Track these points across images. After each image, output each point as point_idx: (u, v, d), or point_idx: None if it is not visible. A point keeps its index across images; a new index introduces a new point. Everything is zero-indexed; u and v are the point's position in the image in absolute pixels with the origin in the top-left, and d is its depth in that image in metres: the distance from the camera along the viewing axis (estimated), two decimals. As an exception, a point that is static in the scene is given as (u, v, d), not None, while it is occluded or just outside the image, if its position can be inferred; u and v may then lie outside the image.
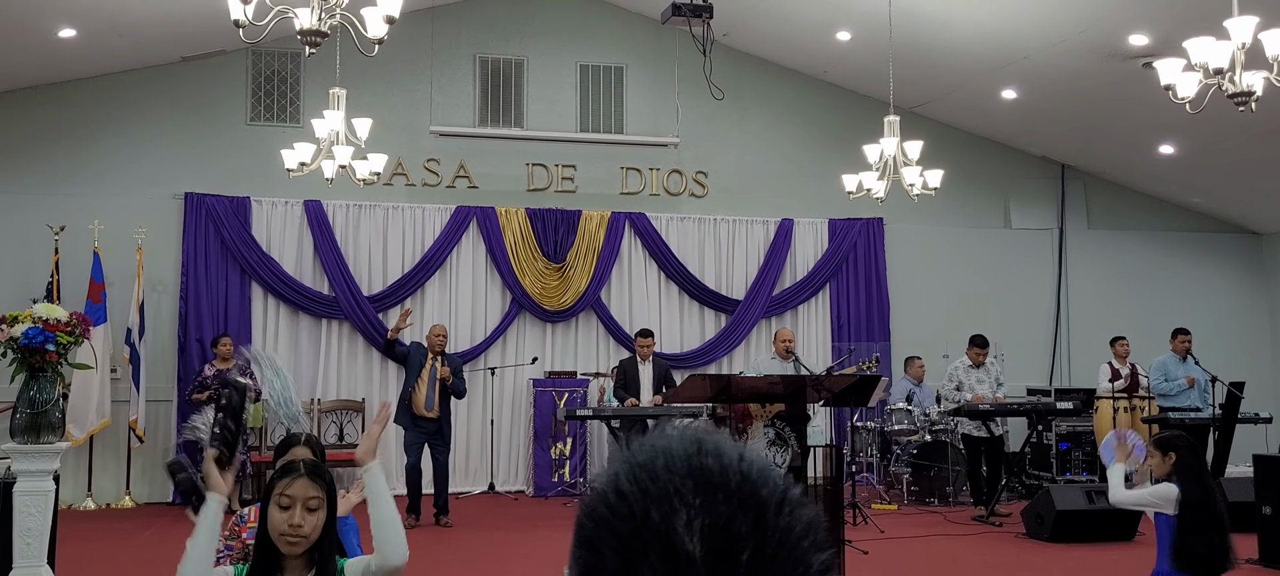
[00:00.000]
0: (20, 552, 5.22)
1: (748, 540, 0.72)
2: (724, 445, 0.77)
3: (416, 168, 10.55)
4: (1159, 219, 12.36)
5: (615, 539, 0.73)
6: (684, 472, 0.74)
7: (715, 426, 6.27)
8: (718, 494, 0.73)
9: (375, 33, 5.34)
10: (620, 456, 0.78)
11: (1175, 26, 8.16)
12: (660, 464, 0.75)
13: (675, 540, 0.71)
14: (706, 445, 0.76)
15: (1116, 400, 9.92)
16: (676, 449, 0.76)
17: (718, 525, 0.72)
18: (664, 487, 0.74)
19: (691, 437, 0.77)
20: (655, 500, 0.73)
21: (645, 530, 0.72)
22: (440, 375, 8.42)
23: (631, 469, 0.76)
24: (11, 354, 5.23)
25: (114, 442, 9.62)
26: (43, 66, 9.47)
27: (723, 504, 0.73)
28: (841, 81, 11.30)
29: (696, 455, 0.76)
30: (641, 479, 0.75)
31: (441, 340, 8.65)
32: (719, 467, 0.75)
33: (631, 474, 0.75)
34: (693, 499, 0.73)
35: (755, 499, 0.74)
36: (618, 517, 0.74)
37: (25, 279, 9.38)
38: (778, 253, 11.24)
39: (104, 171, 9.92)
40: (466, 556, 7.44)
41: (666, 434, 0.78)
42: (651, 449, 0.77)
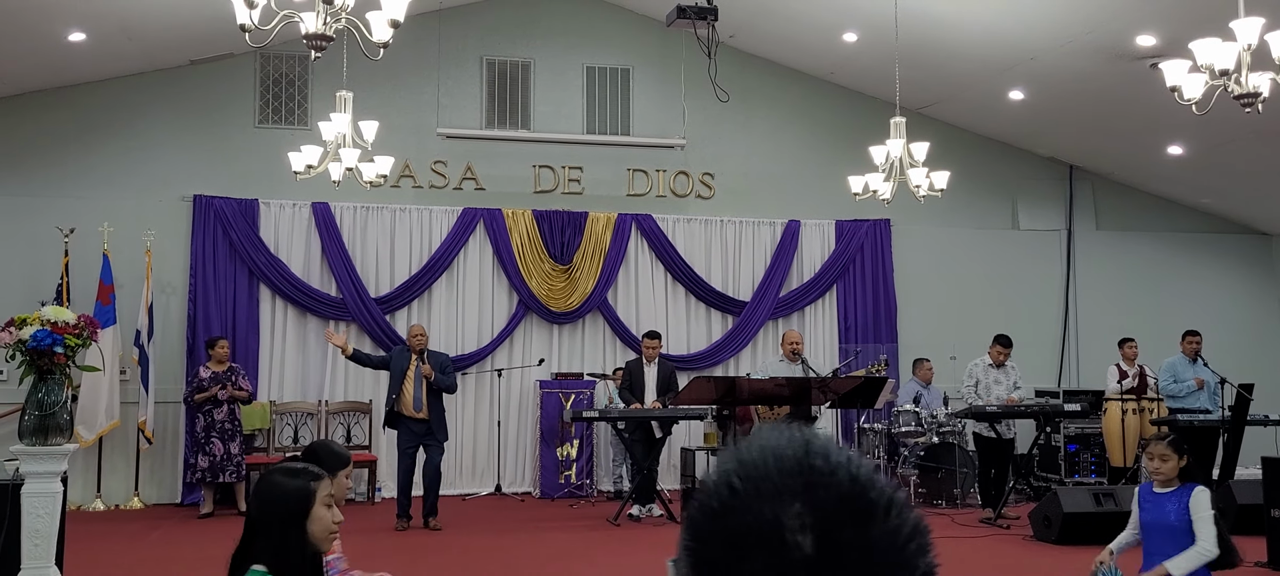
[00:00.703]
0: (28, 553, 5.26)
1: (856, 540, 0.74)
2: (831, 448, 0.79)
3: (423, 170, 10.58)
4: (1168, 220, 12.31)
5: (725, 533, 0.75)
6: (794, 472, 0.76)
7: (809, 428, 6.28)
8: (828, 494, 0.75)
9: (380, 37, 5.35)
10: (730, 454, 0.80)
11: (1183, 27, 8.12)
12: (771, 462, 0.77)
13: (785, 537, 0.73)
14: (815, 447, 0.78)
15: (1125, 402, 9.89)
16: (785, 449, 0.78)
17: (827, 524, 0.74)
18: (775, 485, 0.76)
19: (800, 439, 0.79)
20: (766, 497, 0.75)
21: (755, 526, 0.74)
22: (423, 373, 8.41)
23: (742, 466, 0.78)
24: (20, 356, 5.27)
25: (123, 444, 9.66)
26: (52, 70, 9.52)
27: (832, 504, 0.75)
28: (848, 83, 11.29)
29: (805, 456, 0.77)
30: (753, 476, 0.77)
31: (421, 339, 8.62)
32: (828, 469, 0.77)
33: (742, 470, 0.77)
34: (803, 497, 0.75)
35: (864, 500, 0.76)
36: (728, 512, 0.76)
37: (35, 281, 9.43)
38: (784, 254, 11.23)
39: (113, 174, 9.97)
40: (473, 558, 7.45)
41: (774, 434, 0.80)
42: (761, 448, 0.79)
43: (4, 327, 5.31)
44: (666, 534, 7.94)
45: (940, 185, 8.61)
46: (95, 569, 6.73)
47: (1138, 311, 11.57)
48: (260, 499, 2.67)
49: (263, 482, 2.70)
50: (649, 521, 8.82)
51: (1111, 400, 10.01)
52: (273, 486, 2.67)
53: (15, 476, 5.56)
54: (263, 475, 2.75)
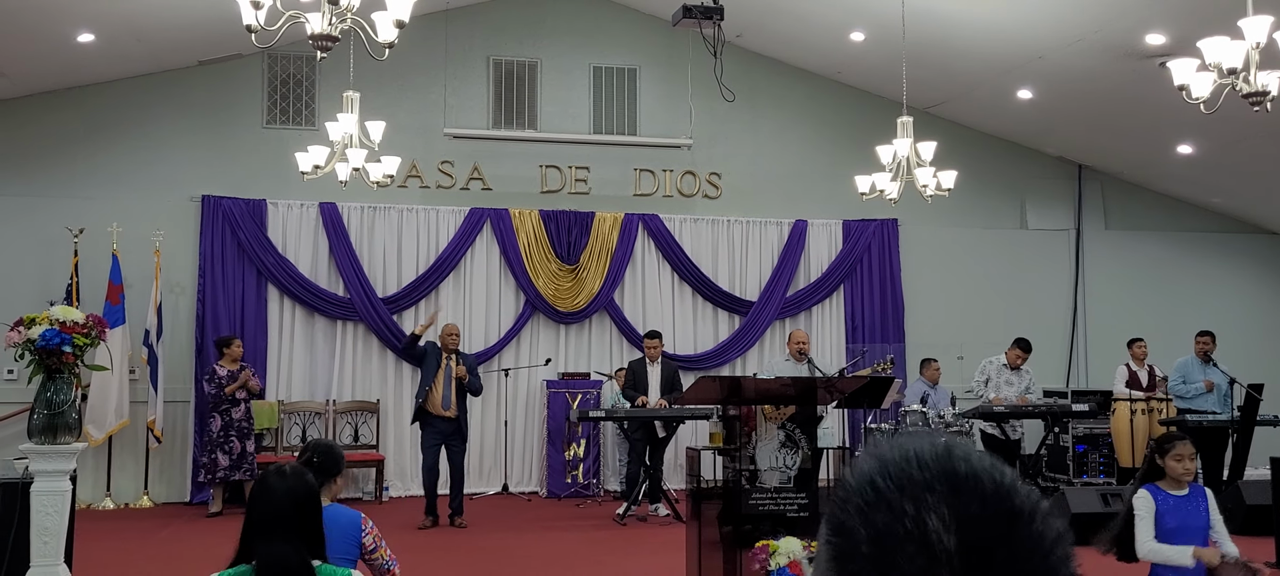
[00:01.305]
0: (37, 551, 5.29)
1: (1002, 542, 0.75)
2: (972, 453, 0.80)
3: (430, 170, 10.60)
4: (1177, 219, 12.26)
5: (871, 530, 0.76)
6: (938, 473, 0.77)
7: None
8: (973, 495, 0.76)
9: (386, 37, 5.36)
10: (870, 453, 0.81)
11: (1192, 26, 8.09)
12: (914, 463, 0.78)
13: (930, 534, 0.74)
14: (956, 450, 0.80)
15: (1134, 403, 9.85)
16: (927, 452, 0.79)
17: (973, 524, 0.75)
18: (918, 486, 0.77)
19: (941, 443, 0.80)
20: (911, 496, 0.76)
21: (900, 522, 0.75)
22: (456, 374, 8.48)
23: (885, 465, 0.79)
24: (29, 355, 5.29)
25: (132, 443, 9.70)
26: (62, 71, 9.56)
27: (978, 505, 0.76)
28: (855, 82, 11.28)
29: (948, 459, 0.79)
30: (897, 476, 0.78)
31: (455, 339, 8.72)
32: (971, 471, 0.78)
33: (885, 470, 0.78)
34: (949, 498, 0.76)
35: (1009, 504, 0.77)
36: (872, 509, 0.77)
37: (45, 281, 9.47)
38: (791, 254, 11.22)
39: (122, 174, 10.02)
40: (481, 557, 7.46)
41: (913, 438, 0.81)
42: (903, 449, 0.80)
43: (13, 327, 5.34)
44: (673, 534, 7.93)
45: (948, 185, 8.60)
46: (105, 567, 6.76)
47: (1147, 311, 11.53)
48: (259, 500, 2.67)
49: (260, 485, 2.70)
50: (655, 521, 8.83)
51: (1120, 400, 9.97)
52: (269, 488, 2.67)
53: (24, 475, 5.59)
54: (260, 477, 2.75)
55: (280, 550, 2.57)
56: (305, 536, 2.62)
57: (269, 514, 2.62)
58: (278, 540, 2.58)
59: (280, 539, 2.58)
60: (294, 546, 2.57)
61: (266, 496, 2.63)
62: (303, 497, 2.64)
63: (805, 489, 5.82)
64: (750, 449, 5.95)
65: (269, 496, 2.63)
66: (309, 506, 2.65)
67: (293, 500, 2.62)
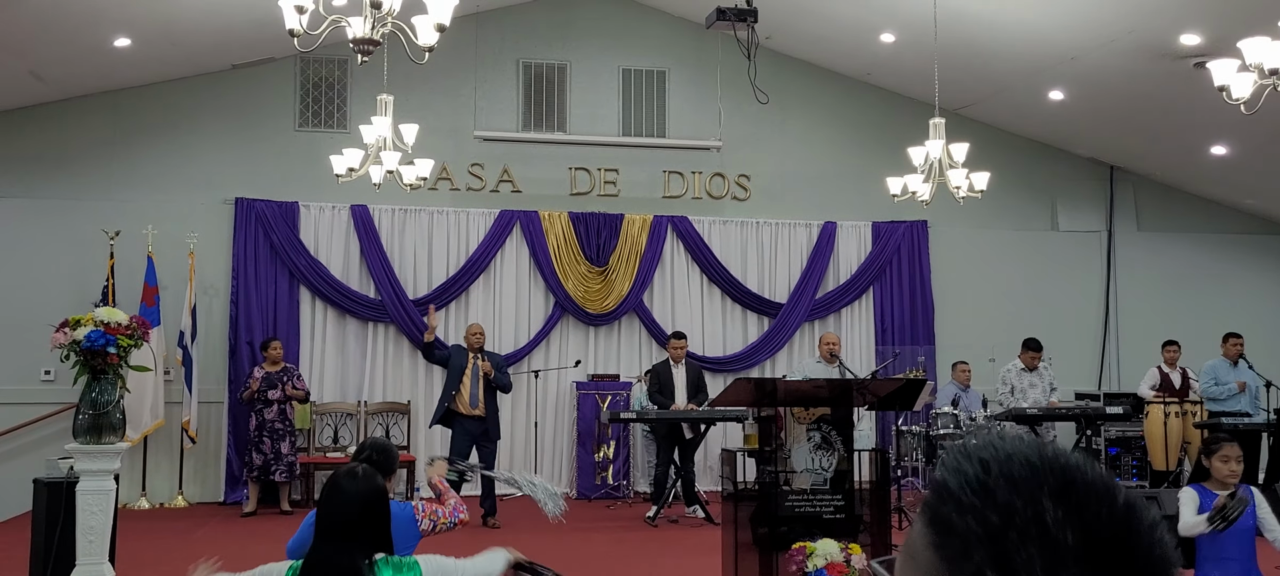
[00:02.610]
0: (83, 550, 5.36)
1: (1117, 533, 0.76)
2: (1063, 450, 0.81)
3: (461, 172, 10.65)
4: (1211, 221, 12.15)
5: (987, 528, 0.76)
6: (1044, 470, 0.78)
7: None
8: (1083, 490, 0.77)
9: (426, 41, 5.40)
10: (964, 453, 0.81)
11: (1228, 26, 8.03)
12: (1017, 462, 0.79)
13: (1051, 531, 0.75)
14: (1049, 449, 0.80)
15: (1167, 406, 9.78)
16: (1025, 450, 0.80)
17: (1088, 518, 0.76)
18: (1029, 483, 0.77)
19: (1032, 442, 0.81)
20: (1023, 494, 0.77)
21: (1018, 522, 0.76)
22: (483, 370, 8.52)
23: (987, 466, 0.79)
24: (74, 357, 5.37)
25: (167, 443, 9.80)
26: (98, 75, 9.68)
27: (1089, 499, 0.77)
28: (885, 83, 11.25)
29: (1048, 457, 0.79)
30: (1004, 474, 0.78)
31: (479, 338, 8.76)
32: (1075, 466, 0.79)
33: (989, 470, 0.79)
34: (1060, 494, 0.77)
35: (1117, 497, 0.78)
36: (986, 509, 0.77)
37: (82, 283, 9.58)
38: (821, 256, 11.20)
39: (157, 177, 10.12)
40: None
41: (1006, 438, 0.81)
42: (1000, 449, 0.80)
43: (58, 328, 5.41)
44: (705, 536, 7.94)
45: (980, 186, 8.56)
46: (146, 566, 6.84)
47: (1179, 313, 11.43)
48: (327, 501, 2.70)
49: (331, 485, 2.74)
50: (687, 522, 8.83)
51: (1154, 403, 9.90)
52: (338, 490, 2.71)
53: (69, 474, 5.67)
54: (332, 477, 2.79)
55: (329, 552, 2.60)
56: (369, 537, 2.67)
57: (334, 515, 2.66)
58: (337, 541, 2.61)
59: (339, 540, 2.61)
60: (350, 549, 2.61)
61: (334, 498, 2.67)
62: (371, 499, 2.69)
63: (841, 491, 5.82)
64: (786, 451, 5.95)
65: (337, 497, 2.67)
66: (377, 508, 2.70)
67: (361, 502, 2.66)
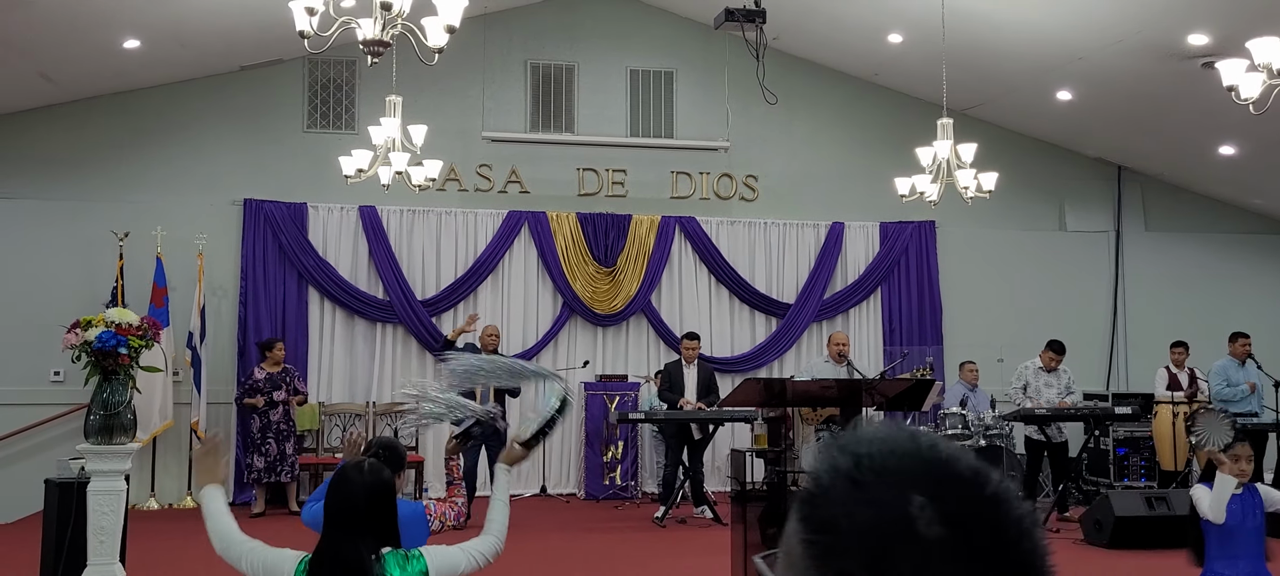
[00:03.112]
0: (94, 550, 5.38)
1: (985, 526, 0.75)
2: (939, 440, 0.80)
3: (469, 173, 10.66)
4: (1219, 221, 12.12)
5: (855, 524, 0.76)
6: (914, 462, 0.78)
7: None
8: (952, 482, 0.77)
9: (435, 42, 5.42)
10: (839, 449, 0.80)
11: (1236, 26, 8.02)
12: (890, 455, 0.78)
13: (916, 526, 0.74)
14: (923, 438, 0.80)
15: (1176, 406, 9.76)
16: (902, 442, 0.79)
17: (957, 511, 0.75)
18: (898, 476, 0.77)
19: (907, 431, 0.80)
20: (892, 487, 0.76)
21: (885, 516, 0.75)
22: None
23: (858, 460, 0.78)
24: (86, 357, 5.39)
25: (176, 444, 9.83)
26: (108, 77, 9.71)
27: (958, 491, 0.76)
28: (893, 84, 11.24)
29: (920, 448, 0.79)
30: (875, 468, 0.78)
31: (494, 339, 8.81)
32: (947, 458, 0.78)
33: (860, 464, 0.78)
34: (930, 487, 0.76)
35: (987, 488, 0.77)
36: (856, 503, 0.76)
37: (91, 284, 9.61)
38: (828, 256, 11.20)
39: (166, 178, 10.15)
40: (521, 559, 7.49)
41: (881, 428, 0.81)
42: (872, 441, 0.80)
43: (70, 329, 5.44)
44: (714, 536, 7.94)
45: (989, 186, 8.55)
46: (157, 566, 6.86)
47: (1187, 314, 11.41)
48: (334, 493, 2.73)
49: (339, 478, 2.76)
50: (695, 523, 8.83)
51: (1162, 403, 9.88)
52: (346, 482, 2.74)
53: (80, 475, 5.69)
54: (339, 470, 2.81)
55: (338, 542, 2.64)
56: (376, 529, 2.70)
57: (341, 507, 2.69)
58: (344, 533, 2.65)
59: (345, 532, 2.65)
60: (356, 541, 2.64)
61: (341, 489, 2.70)
62: (377, 492, 2.71)
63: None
64: (794, 451, 5.95)
65: (344, 489, 2.70)
66: (383, 500, 2.72)
67: (367, 494, 2.69)
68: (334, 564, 2.63)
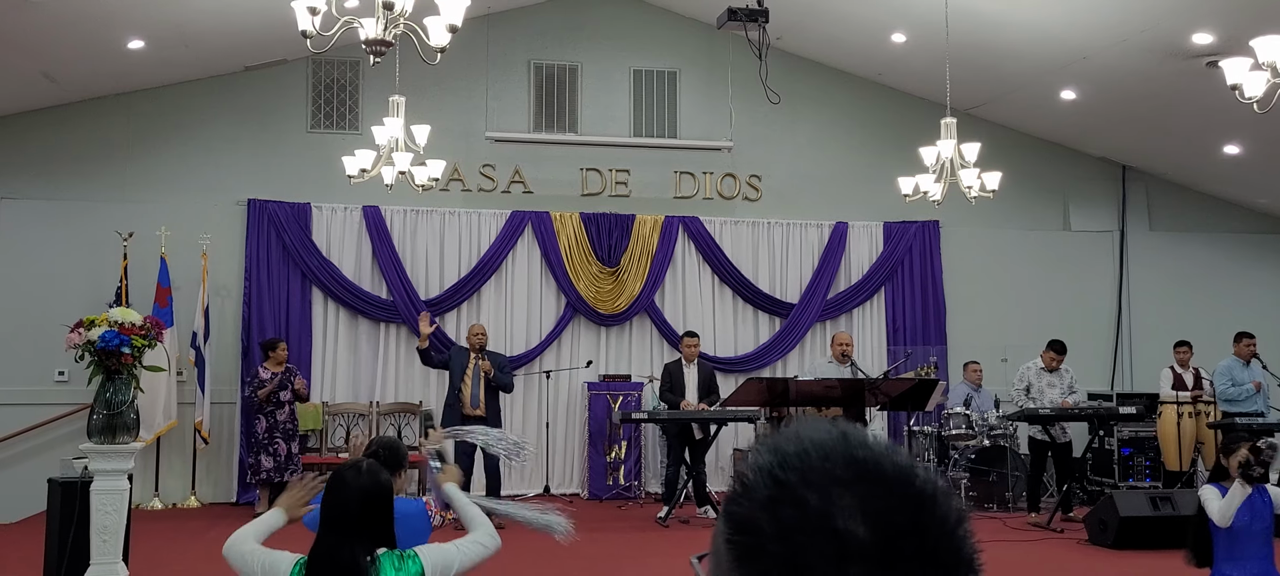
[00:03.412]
0: (97, 549, 5.39)
1: (909, 527, 0.74)
2: (868, 438, 0.79)
3: (472, 173, 10.67)
4: (1224, 221, 12.09)
5: (775, 525, 0.74)
6: (839, 461, 0.76)
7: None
8: (874, 482, 0.75)
9: (438, 42, 5.42)
10: (765, 447, 0.79)
11: (1241, 25, 8.00)
12: (814, 454, 0.77)
13: (837, 525, 0.73)
14: (852, 437, 0.78)
15: (1181, 406, 9.74)
16: (827, 440, 0.78)
17: (880, 511, 0.74)
18: (821, 475, 0.75)
19: (836, 430, 0.78)
20: (814, 487, 0.75)
21: (807, 516, 0.74)
22: (483, 370, 8.56)
23: (782, 458, 0.77)
24: (89, 357, 5.40)
25: (180, 444, 9.84)
26: (112, 77, 9.73)
27: (880, 491, 0.75)
28: (897, 84, 11.23)
29: (847, 446, 0.77)
30: (798, 467, 0.76)
31: (480, 338, 8.82)
32: (872, 457, 0.77)
33: (783, 463, 0.77)
34: (853, 486, 0.74)
35: (912, 487, 0.76)
36: (778, 503, 0.75)
37: (95, 284, 9.63)
38: (832, 256, 11.19)
39: (170, 179, 10.17)
40: (524, 558, 7.49)
41: (809, 427, 0.79)
42: (800, 440, 0.78)
43: (73, 329, 5.45)
44: (716, 535, 7.92)
45: (992, 186, 8.54)
46: (160, 566, 6.87)
47: (1192, 314, 11.38)
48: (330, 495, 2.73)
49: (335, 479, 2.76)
50: (698, 523, 8.83)
51: (1167, 403, 9.86)
52: (342, 484, 2.73)
53: (83, 474, 5.70)
54: (335, 471, 2.81)
55: (334, 544, 2.64)
56: (372, 531, 2.69)
57: (337, 509, 2.69)
58: (339, 534, 2.64)
59: (341, 534, 2.64)
60: (351, 542, 2.64)
61: (337, 492, 2.70)
62: (373, 494, 2.70)
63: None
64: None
65: (340, 491, 2.69)
66: (379, 502, 2.72)
67: (362, 496, 2.68)
68: (329, 565, 2.63)
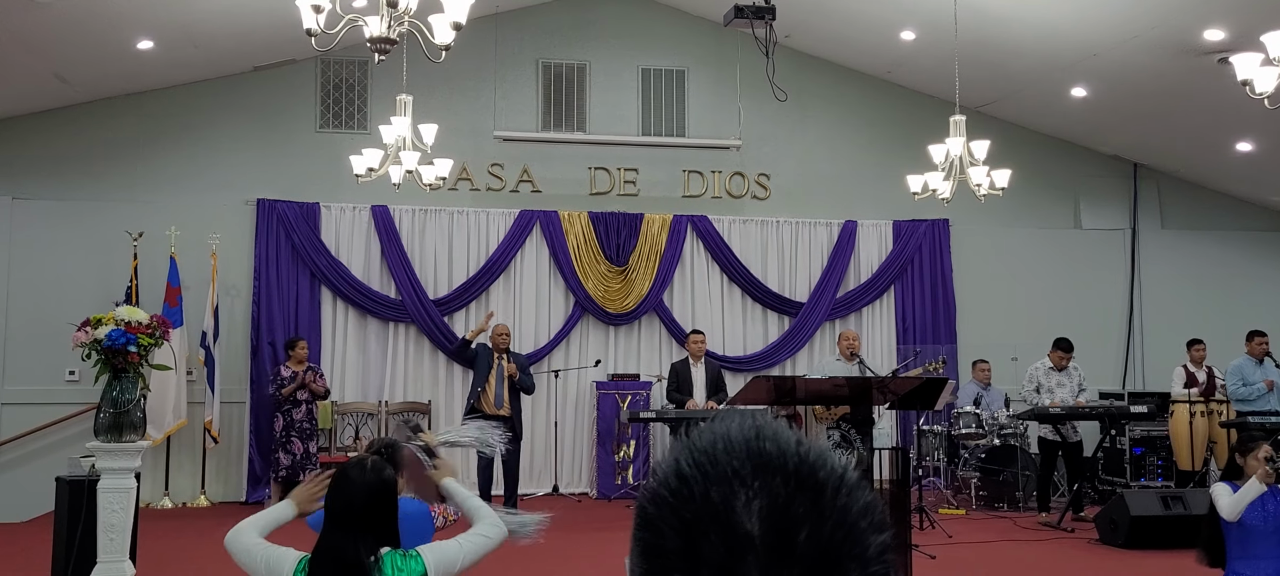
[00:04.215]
0: (104, 548, 5.40)
1: (805, 520, 0.73)
2: (782, 431, 0.78)
3: (480, 172, 10.68)
4: (1236, 218, 12.01)
5: (676, 520, 0.75)
6: (743, 455, 0.76)
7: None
8: (776, 476, 0.75)
9: (442, 39, 5.41)
10: (681, 443, 0.80)
11: (1252, 20, 7.94)
12: (720, 448, 0.77)
13: (734, 520, 0.73)
14: (765, 431, 0.78)
15: (1193, 405, 9.67)
16: (736, 434, 0.78)
17: (776, 505, 0.74)
18: (723, 470, 0.76)
19: (750, 424, 0.79)
20: (715, 482, 0.75)
21: (705, 511, 0.74)
22: (507, 372, 8.59)
23: (692, 453, 0.78)
24: (96, 355, 5.41)
25: (190, 443, 9.87)
26: (122, 78, 9.76)
27: (781, 485, 0.74)
28: (906, 82, 11.18)
29: (755, 440, 0.77)
30: (702, 462, 0.77)
31: (505, 338, 8.84)
32: (777, 451, 0.76)
33: (691, 458, 0.77)
34: (752, 480, 0.75)
35: (813, 481, 0.75)
36: (679, 500, 0.76)
37: (106, 284, 9.66)
38: (841, 255, 11.15)
39: (180, 178, 10.20)
40: (533, 557, 7.49)
41: (726, 420, 0.80)
42: (712, 434, 0.79)
43: (80, 327, 5.47)
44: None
45: (1001, 184, 8.50)
46: (167, 564, 6.89)
47: (1205, 312, 11.31)
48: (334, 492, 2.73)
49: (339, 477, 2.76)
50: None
51: (1179, 402, 9.79)
52: (346, 481, 2.73)
53: (91, 473, 5.72)
54: (340, 469, 2.81)
55: (336, 542, 2.63)
56: (375, 529, 2.68)
57: (340, 506, 2.69)
58: (343, 532, 2.64)
59: (345, 531, 2.64)
60: (354, 539, 2.63)
61: (341, 489, 2.70)
62: (377, 491, 2.70)
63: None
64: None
65: (344, 489, 2.69)
66: (383, 499, 2.71)
67: (366, 493, 2.68)
68: (332, 563, 2.63)
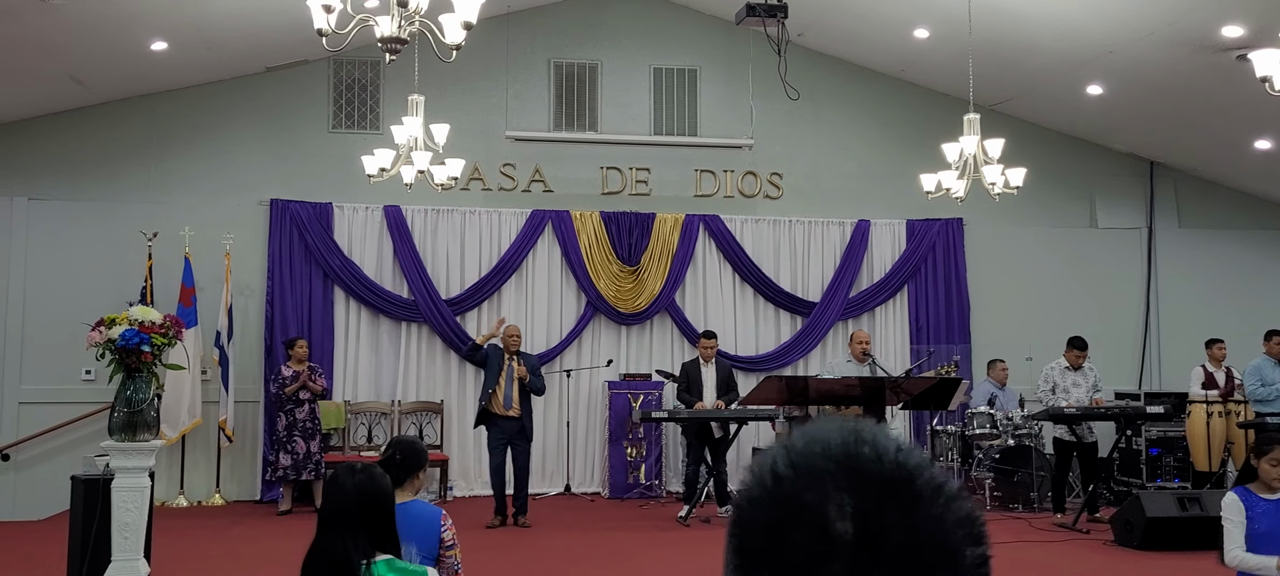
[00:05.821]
0: (118, 546, 5.42)
1: (898, 528, 0.73)
2: (881, 436, 0.79)
3: (492, 172, 10.68)
4: (1254, 217, 11.91)
5: (766, 518, 0.76)
6: (840, 459, 0.76)
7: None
8: (871, 481, 0.75)
9: (453, 39, 5.41)
10: (779, 442, 0.81)
11: (1271, 16, 7.87)
12: (817, 450, 0.77)
13: (826, 522, 0.73)
14: (863, 435, 0.78)
15: (1210, 405, 9.59)
16: (834, 437, 0.78)
17: (869, 511, 0.74)
18: (819, 473, 0.76)
19: (849, 428, 0.78)
20: (809, 484, 0.75)
21: (798, 511, 0.75)
22: (518, 374, 8.58)
23: (789, 454, 0.78)
24: (109, 355, 5.43)
25: (204, 442, 9.91)
26: (136, 79, 9.81)
27: (875, 491, 0.75)
28: (919, 80, 11.13)
29: (853, 443, 0.77)
30: (798, 464, 0.77)
31: (516, 340, 8.82)
32: (875, 456, 0.76)
33: (788, 459, 0.78)
34: (846, 484, 0.75)
35: (909, 488, 0.75)
36: (772, 499, 0.76)
37: (120, 285, 9.70)
38: (854, 254, 11.11)
39: (193, 179, 10.24)
40: (546, 557, 7.49)
41: (825, 424, 0.80)
42: (809, 436, 0.79)
43: (94, 327, 5.49)
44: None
45: (1016, 182, 8.44)
46: (181, 562, 6.91)
47: (1222, 312, 11.21)
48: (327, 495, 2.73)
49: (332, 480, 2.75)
50: (719, 522, 8.79)
51: (1196, 402, 9.72)
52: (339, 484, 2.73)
53: (105, 471, 5.74)
54: (333, 473, 2.80)
55: (329, 544, 2.63)
56: (368, 534, 2.67)
57: (333, 508, 2.69)
58: (334, 532, 2.64)
59: (336, 532, 2.63)
60: (347, 542, 2.62)
61: (334, 492, 2.70)
62: (371, 495, 2.69)
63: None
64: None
65: (337, 491, 2.69)
66: (377, 503, 2.70)
67: (360, 496, 2.68)
68: (323, 563, 2.63)
